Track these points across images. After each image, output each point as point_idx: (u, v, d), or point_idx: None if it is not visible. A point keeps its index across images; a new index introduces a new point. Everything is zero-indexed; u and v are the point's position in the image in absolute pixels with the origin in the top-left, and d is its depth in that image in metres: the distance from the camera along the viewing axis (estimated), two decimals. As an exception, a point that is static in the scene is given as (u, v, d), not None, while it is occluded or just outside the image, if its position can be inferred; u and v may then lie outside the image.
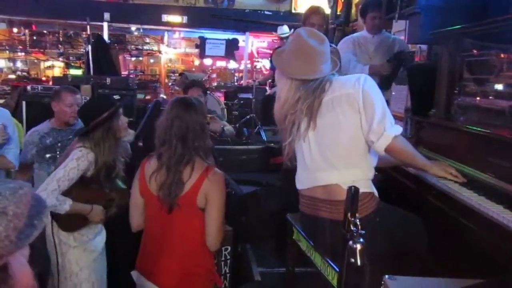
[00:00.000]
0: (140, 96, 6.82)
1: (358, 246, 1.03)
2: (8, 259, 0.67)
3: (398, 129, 1.81)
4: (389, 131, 1.77)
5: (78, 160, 2.15)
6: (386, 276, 1.42)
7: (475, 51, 2.22)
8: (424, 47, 3.44)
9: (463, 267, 1.62)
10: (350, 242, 1.04)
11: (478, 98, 2.18)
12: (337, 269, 1.62)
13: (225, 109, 6.29)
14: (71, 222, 2.21)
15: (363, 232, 1.06)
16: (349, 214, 1.06)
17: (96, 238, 2.34)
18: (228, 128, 3.62)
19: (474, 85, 2.21)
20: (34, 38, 9.19)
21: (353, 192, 1.09)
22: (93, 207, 2.25)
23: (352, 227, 1.06)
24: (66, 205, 2.12)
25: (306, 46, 1.91)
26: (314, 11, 3.31)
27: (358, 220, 1.11)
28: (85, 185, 2.22)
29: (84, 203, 2.23)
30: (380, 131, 1.77)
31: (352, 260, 1.04)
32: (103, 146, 2.22)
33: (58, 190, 2.09)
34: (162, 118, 1.99)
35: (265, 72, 9.41)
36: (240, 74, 9.73)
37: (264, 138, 5.96)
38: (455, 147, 2.16)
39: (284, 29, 6.61)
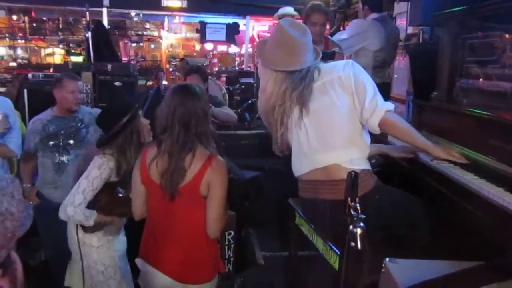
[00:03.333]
0: (141, 82, 6.79)
1: (359, 231, 1.05)
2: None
3: (390, 105, 1.89)
4: (381, 106, 1.85)
5: (100, 168, 2.14)
6: (387, 259, 1.43)
7: (477, 33, 2.21)
8: (426, 29, 3.42)
9: (464, 249, 1.63)
10: (351, 227, 1.05)
11: (480, 81, 2.17)
12: (338, 252, 1.64)
13: (227, 95, 6.27)
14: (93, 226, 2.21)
15: (364, 216, 1.07)
16: (349, 199, 1.07)
17: (119, 236, 2.35)
18: (226, 112, 3.58)
19: (476, 68, 2.20)
20: (34, 25, 9.12)
21: (353, 177, 1.10)
22: (114, 220, 2.25)
23: (352, 212, 1.07)
24: (91, 221, 2.14)
25: (288, 37, 1.95)
26: (315, 9, 3.24)
27: (358, 201, 1.12)
28: (110, 192, 2.21)
29: (111, 209, 2.22)
30: (372, 107, 1.85)
31: (353, 244, 1.05)
32: (128, 152, 2.20)
33: (84, 203, 2.10)
34: (163, 105, 1.98)
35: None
36: (242, 58, 9.67)
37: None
38: (457, 130, 2.16)
39: (286, 10, 6.38)
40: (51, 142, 2.86)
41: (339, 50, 3.23)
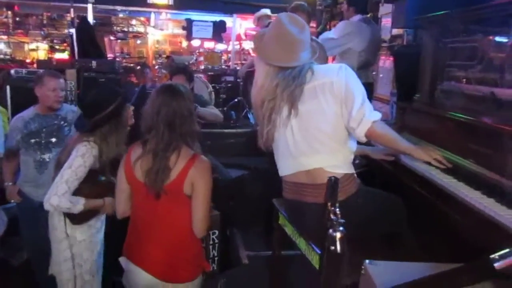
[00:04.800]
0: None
1: (338, 235, 1.06)
2: None
3: (377, 115, 1.87)
4: (368, 117, 1.83)
5: (84, 157, 2.12)
6: (367, 261, 1.45)
7: (459, 37, 2.24)
8: (410, 31, 3.46)
9: (443, 252, 1.66)
10: (330, 231, 1.07)
11: (461, 84, 2.20)
12: (319, 252, 1.66)
13: (213, 93, 6.25)
14: (82, 215, 2.20)
15: (343, 220, 1.09)
16: (329, 204, 1.09)
17: (99, 234, 2.36)
18: (211, 111, 3.59)
19: (457, 71, 2.23)
20: (17, 19, 8.97)
21: (332, 182, 1.11)
22: (105, 200, 2.25)
23: (332, 216, 1.09)
24: (79, 205, 2.12)
25: (286, 33, 1.92)
26: (296, 9, 3.31)
27: (337, 205, 1.14)
28: (93, 180, 2.20)
29: (95, 197, 2.22)
30: (359, 117, 1.82)
31: (332, 247, 1.07)
32: (110, 141, 2.19)
33: (69, 192, 2.08)
34: (148, 105, 1.98)
35: (252, 54, 9.33)
36: (228, 55, 9.64)
37: (252, 121, 5.97)
38: (438, 132, 2.19)
39: (263, 11, 6.40)
40: (33, 140, 2.83)
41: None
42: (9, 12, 8.89)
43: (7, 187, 2.96)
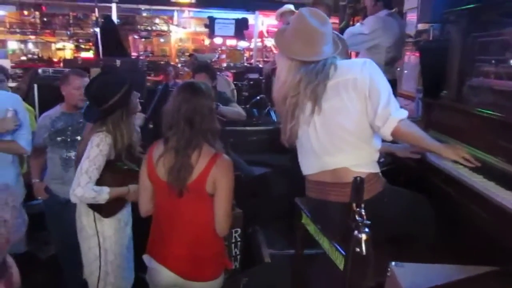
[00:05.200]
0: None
1: (364, 236, 1.03)
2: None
3: (404, 113, 1.81)
4: (394, 115, 1.78)
5: (99, 146, 2.15)
6: (393, 263, 1.42)
7: (489, 31, 2.16)
8: (436, 26, 3.37)
9: (472, 254, 1.61)
10: (356, 232, 1.04)
11: (491, 80, 2.13)
12: (344, 253, 1.63)
13: (235, 90, 6.25)
14: (110, 208, 2.26)
15: (369, 222, 1.06)
16: (354, 204, 1.06)
17: (128, 224, 2.42)
18: (234, 109, 3.58)
19: (488, 66, 2.16)
20: (45, 20, 9.19)
21: (358, 182, 1.08)
22: (130, 187, 2.29)
23: (357, 217, 1.06)
24: (104, 194, 2.15)
25: (308, 26, 1.89)
26: (317, 2, 3.28)
27: (363, 206, 1.11)
28: (113, 169, 2.23)
29: (119, 186, 2.26)
30: (385, 115, 1.78)
31: (358, 249, 1.04)
32: (123, 128, 2.23)
33: (91, 182, 2.12)
34: (169, 103, 1.99)
35: (275, 51, 9.29)
36: (250, 53, 9.63)
37: (274, 119, 5.93)
38: (466, 130, 2.13)
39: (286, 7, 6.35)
40: (59, 138, 2.88)
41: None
42: (37, 13, 9.13)
43: (34, 184, 3.03)
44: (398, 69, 4.06)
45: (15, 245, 0.97)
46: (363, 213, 1.06)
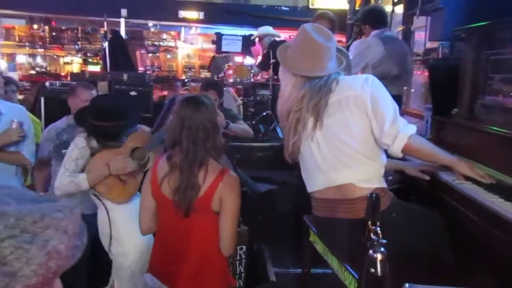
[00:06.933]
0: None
1: (379, 256, 0.98)
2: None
3: (413, 128, 1.78)
4: (403, 132, 1.74)
5: (75, 142, 2.40)
6: (407, 284, 1.36)
7: (502, 49, 2.14)
8: (445, 44, 3.36)
9: (487, 276, 1.55)
10: (371, 251, 0.99)
11: (503, 98, 2.10)
12: (356, 276, 1.57)
13: (241, 106, 6.24)
14: (115, 192, 2.38)
15: (385, 241, 1.01)
16: (369, 223, 1.02)
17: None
18: (242, 127, 3.55)
19: (500, 84, 2.13)
20: (54, 34, 9.30)
21: (374, 200, 1.04)
22: (110, 162, 2.35)
23: (372, 236, 1.01)
24: (81, 176, 2.30)
25: (312, 42, 1.87)
26: (320, 16, 3.29)
27: (379, 224, 1.07)
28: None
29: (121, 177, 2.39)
30: (394, 133, 1.74)
31: (372, 270, 0.99)
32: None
33: (67, 171, 2.32)
34: (171, 119, 1.94)
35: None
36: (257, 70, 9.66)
37: (280, 135, 5.90)
38: (478, 148, 2.08)
39: (265, 30, 6.39)
40: (64, 150, 2.85)
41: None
42: (46, 27, 9.24)
43: (38, 197, 2.99)
44: (405, 88, 4.02)
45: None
46: (379, 231, 1.02)
